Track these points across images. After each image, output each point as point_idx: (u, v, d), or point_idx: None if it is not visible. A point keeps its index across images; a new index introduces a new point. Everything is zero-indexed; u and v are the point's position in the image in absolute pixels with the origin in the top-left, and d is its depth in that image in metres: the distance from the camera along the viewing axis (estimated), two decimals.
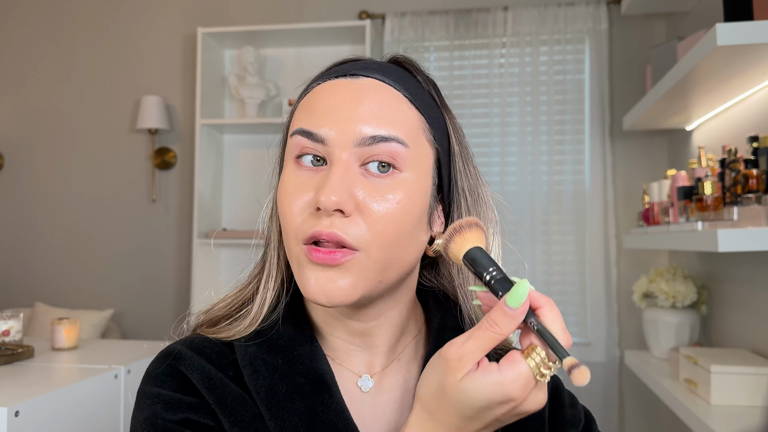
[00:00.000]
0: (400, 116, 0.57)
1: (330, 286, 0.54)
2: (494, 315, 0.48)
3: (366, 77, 0.58)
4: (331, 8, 2.88)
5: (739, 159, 1.41)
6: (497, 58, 2.67)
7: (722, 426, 1.28)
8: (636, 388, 2.54)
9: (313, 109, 0.57)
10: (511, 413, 0.48)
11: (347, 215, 0.53)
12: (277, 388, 0.58)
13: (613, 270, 2.54)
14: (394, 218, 0.55)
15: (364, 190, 0.54)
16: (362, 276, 0.54)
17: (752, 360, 1.49)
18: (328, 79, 0.59)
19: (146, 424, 0.56)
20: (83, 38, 3.12)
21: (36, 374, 1.43)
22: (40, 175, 3.12)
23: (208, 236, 2.73)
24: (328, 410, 0.57)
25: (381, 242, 0.54)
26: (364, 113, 0.55)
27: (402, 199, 0.55)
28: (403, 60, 0.64)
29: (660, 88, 1.77)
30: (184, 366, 0.59)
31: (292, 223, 0.56)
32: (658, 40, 2.58)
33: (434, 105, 0.62)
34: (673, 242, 1.59)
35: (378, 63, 0.62)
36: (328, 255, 0.53)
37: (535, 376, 0.47)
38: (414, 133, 0.57)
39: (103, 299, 3.01)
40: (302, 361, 0.60)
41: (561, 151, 2.61)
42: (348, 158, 0.55)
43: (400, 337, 0.64)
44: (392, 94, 0.58)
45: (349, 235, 0.53)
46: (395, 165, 0.55)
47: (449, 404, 0.49)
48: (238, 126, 2.81)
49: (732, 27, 1.27)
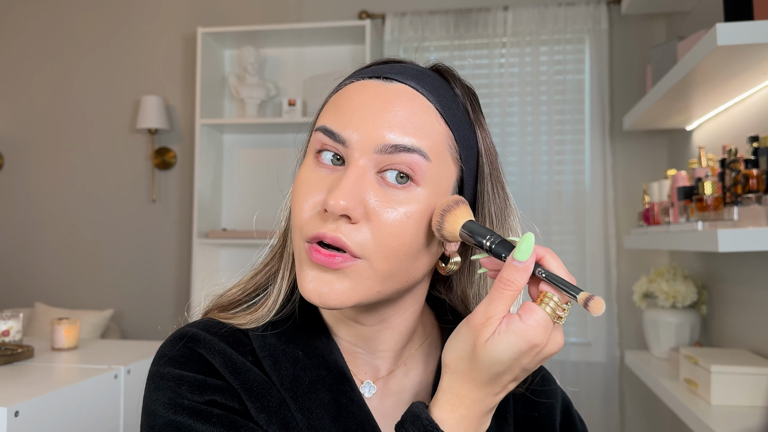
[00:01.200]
0: (428, 128, 0.55)
1: (326, 288, 0.53)
2: (506, 273, 0.50)
3: (399, 83, 0.56)
4: (331, 8, 2.88)
5: (739, 159, 1.41)
6: (497, 58, 2.67)
7: (722, 426, 1.28)
8: (636, 388, 2.54)
9: (340, 107, 0.56)
10: (535, 359, 0.51)
11: (354, 222, 0.52)
12: (301, 380, 0.58)
13: (613, 270, 2.54)
14: (403, 231, 0.53)
15: (377, 198, 0.53)
16: (360, 283, 0.54)
17: (752, 360, 1.49)
18: (361, 78, 0.58)
19: (171, 404, 0.55)
20: (83, 38, 3.12)
21: (36, 374, 1.43)
22: (40, 175, 3.12)
23: (208, 236, 2.73)
24: (351, 403, 0.58)
25: (385, 253, 0.53)
26: (390, 120, 0.54)
27: (414, 213, 0.54)
28: (444, 69, 0.62)
29: (660, 88, 1.77)
30: (204, 349, 0.58)
31: (299, 218, 0.55)
32: (658, 40, 2.58)
33: (467, 121, 0.59)
34: (674, 242, 1.59)
35: (416, 69, 0.59)
36: (327, 258, 0.52)
37: (553, 320, 0.50)
38: (439, 148, 0.55)
39: (103, 299, 3.01)
40: (321, 354, 0.60)
41: (561, 151, 2.61)
42: (365, 164, 0.53)
43: (406, 343, 0.64)
44: (423, 104, 0.56)
45: (353, 242, 0.52)
46: (413, 178, 0.54)
47: (480, 364, 0.50)
48: (238, 126, 2.81)
49: (732, 27, 1.27)
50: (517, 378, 0.52)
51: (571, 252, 2.58)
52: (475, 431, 0.53)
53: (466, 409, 0.52)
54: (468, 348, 0.51)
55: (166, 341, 0.60)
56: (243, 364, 0.58)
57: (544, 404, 0.67)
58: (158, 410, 0.55)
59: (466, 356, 0.51)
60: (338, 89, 0.59)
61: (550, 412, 0.67)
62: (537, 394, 0.67)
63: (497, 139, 2.65)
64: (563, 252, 2.59)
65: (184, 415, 0.54)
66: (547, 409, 0.67)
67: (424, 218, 0.54)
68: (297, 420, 0.56)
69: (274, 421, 0.55)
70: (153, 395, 0.56)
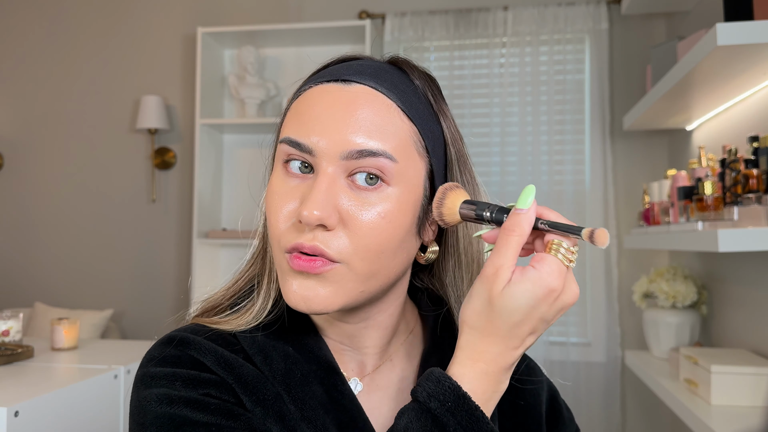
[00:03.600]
0: (391, 128, 0.55)
1: (310, 293, 0.54)
2: (509, 223, 0.52)
3: (359, 84, 0.57)
4: (331, 8, 2.88)
5: (739, 159, 1.41)
6: (497, 58, 2.67)
7: (722, 426, 1.28)
8: (637, 388, 2.54)
9: (302, 116, 0.56)
10: (554, 306, 0.51)
11: (330, 229, 0.53)
12: (293, 373, 0.59)
13: (613, 270, 2.54)
14: (379, 232, 0.54)
15: (350, 202, 0.54)
16: (343, 286, 0.54)
17: (752, 360, 1.49)
18: (320, 82, 0.58)
19: (164, 397, 0.54)
20: (83, 38, 3.12)
21: (36, 374, 1.43)
22: (40, 175, 3.12)
23: (208, 236, 2.72)
24: (342, 396, 0.59)
25: (364, 255, 0.54)
26: (354, 124, 0.54)
27: (388, 213, 0.54)
28: (402, 61, 0.63)
29: (660, 88, 1.77)
30: (194, 351, 0.58)
31: (276, 230, 0.56)
32: (658, 40, 2.58)
33: (430, 113, 0.60)
34: (674, 242, 1.59)
35: (374, 66, 0.60)
36: (308, 262, 0.53)
37: (565, 264, 0.51)
38: (404, 147, 0.56)
39: (103, 299, 3.01)
40: (311, 350, 0.61)
41: (561, 151, 2.61)
42: (334, 171, 0.54)
43: (390, 338, 0.65)
44: (384, 104, 0.56)
45: (331, 249, 0.53)
46: (383, 178, 0.55)
47: (498, 315, 0.51)
48: (238, 126, 2.81)
49: (732, 27, 1.27)
50: (536, 330, 0.52)
51: None
52: (494, 390, 0.53)
53: (486, 364, 0.52)
54: (484, 301, 0.51)
55: (154, 345, 0.60)
56: (235, 360, 0.58)
57: (530, 392, 0.67)
58: (150, 406, 0.54)
59: (484, 309, 0.51)
60: (298, 95, 0.60)
61: (535, 400, 0.67)
62: (523, 383, 0.67)
63: (497, 139, 2.65)
64: None
65: (179, 406, 0.53)
66: (533, 397, 0.67)
67: (398, 216, 0.55)
68: (291, 412, 0.56)
69: (270, 413, 0.56)
70: (143, 393, 0.56)
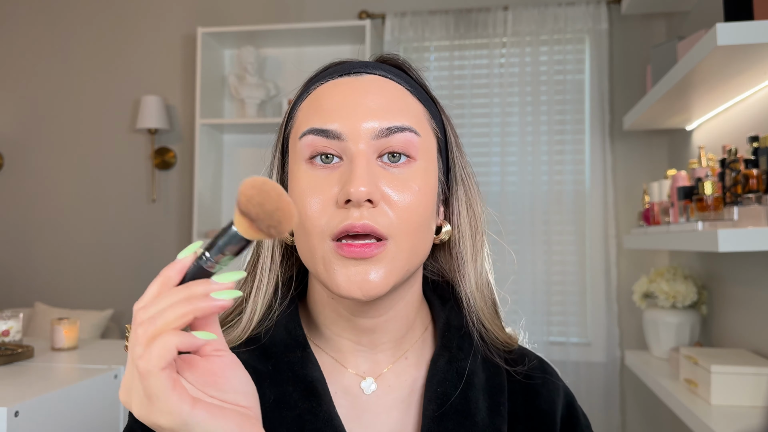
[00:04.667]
0: (408, 107, 0.59)
1: (364, 278, 0.54)
2: None
3: (368, 74, 0.59)
4: (331, 8, 2.88)
5: (739, 159, 1.41)
6: (497, 58, 2.67)
7: (722, 426, 1.28)
8: (637, 388, 2.54)
9: (322, 107, 0.57)
10: None
11: (375, 205, 0.54)
12: (266, 397, 0.58)
13: (613, 270, 2.54)
14: (417, 205, 0.56)
15: (387, 180, 0.55)
16: (393, 266, 0.55)
17: (752, 360, 1.49)
18: (329, 79, 0.60)
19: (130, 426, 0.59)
20: (83, 38, 3.11)
21: (36, 374, 1.43)
22: (40, 175, 3.12)
23: (208, 236, 2.72)
24: (316, 418, 0.57)
25: (407, 229, 0.55)
26: (375, 106, 0.56)
27: (421, 186, 0.57)
28: (395, 58, 0.65)
29: (660, 88, 1.77)
30: None
31: (316, 222, 0.55)
32: (658, 40, 2.58)
33: (429, 97, 0.64)
34: (674, 242, 1.59)
35: (374, 63, 0.63)
36: (361, 248, 0.53)
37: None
38: (422, 123, 0.59)
39: (103, 299, 3.01)
40: (292, 368, 0.60)
41: (561, 151, 2.61)
42: (366, 150, 0.55)
43: (406, 332, 0.64)
44: (396, 88, 0.59)
45: (379, 224, 0.54)
46: (410, 154, 0.57)
47: None
48: (238, 126, 2.81)
49: (732, 27, 1.27)
50: None
51: (571, 252, 2.58)
52: None
53: None
54: None
55: None
56: None
57: (545, 398, 0.65)
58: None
59: None
60: (305, 95, 0.61)
61: (551, 407, 0.65)
62: (537, 387, 0.65)
63: (497, 139, 2.65)
64: (563, 252, 2.59)
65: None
66: (548, 404, 0.65)
67: (428, 189, 0.58)
68: None
69: None
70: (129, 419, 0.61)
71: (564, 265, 2.59)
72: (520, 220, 2.59)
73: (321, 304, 0.63)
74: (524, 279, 2.55)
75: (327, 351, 0.63)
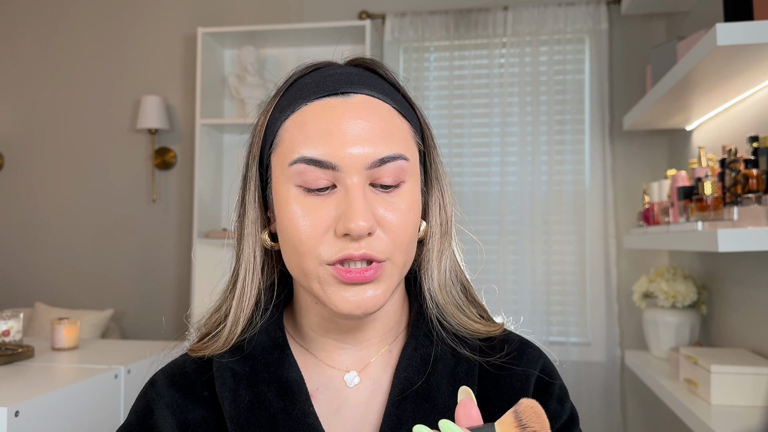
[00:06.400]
0: (397, 130, 0.59)
1: (362, 298, 0.57)
2: None
3: (356, 94, 0.59)
4: (331, 8, 2.88)
5: (739, 159, 1.41)
6: (497, 58, 2.67)
7: (722, 426, 1.28)
8: (636, 388, 2.54)
9: (311, 134, 0.57)
10: None
11: (372, 233, 0.56)
12: (241, 398, 0.60)
13: (613, 270, 2.54)
14: (407, 225, 0.58)
15: (380, 206, 0.57)
16: (390, 282, 0.58)
17: (752, 360, 1.49)
18: (314, 99, 0.59)
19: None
20: (83, 38, 3.12)
21: (36, 374, 1.43)
22: (40, 175, 3.12)
23: (208, 236, 2.73)
24: (289, 417, 0.59)
25: (401, 248, 0.58)
26: (366, 134, 0.57)
27: (410, 206, 0.59)
28: (368, 62, 0.65)
29: (660, 88, 1.77)
30: (154, 393, 0.64)
31: (310, 247, 0.56)
32: (658, 40, 2.58)
33: (408, 104, 0.64)
34: (673, 242, 1.59)
35: (355, 74, 0.61)
36: (361, 274, 0.56)
37: None
38: (408, 143, 0.60)
39: (103, 299, 3.01)
40: (268, 369, 0.62)
41: (561, 151, 2.61)
42: (359, 180, 0.56)
43: (391, 328, 0.66)
44: (385, 109, 0.59)
45: (377, 251, 0.56)
46: (400, 181, 0.59)
47: None
48: (238, 126, 2.81)
49: (732, 27, 1.27)
50: None
51: (571, 252, 2.58)
52: None
53: None
54: None
55: (147, 383, 0.66)
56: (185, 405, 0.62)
57: (518, 376, 0.64)
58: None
59: None
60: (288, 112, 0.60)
61: (524, 380, 0.64)
62: (513, 368, 0.64)
63: (497, 139, 2.65)
64: (563, 252, 2.59)
65: None
66: (522, 380, 0.64)
67: (414, 206, 0.60)
68: None
69: None
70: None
71: (564, 265, 2.59)
72: (520, 220, 2.59)
73: (306, 307, 0.65)
74: (524, 279, 2.55)
75: (311, 350, 0.65)
